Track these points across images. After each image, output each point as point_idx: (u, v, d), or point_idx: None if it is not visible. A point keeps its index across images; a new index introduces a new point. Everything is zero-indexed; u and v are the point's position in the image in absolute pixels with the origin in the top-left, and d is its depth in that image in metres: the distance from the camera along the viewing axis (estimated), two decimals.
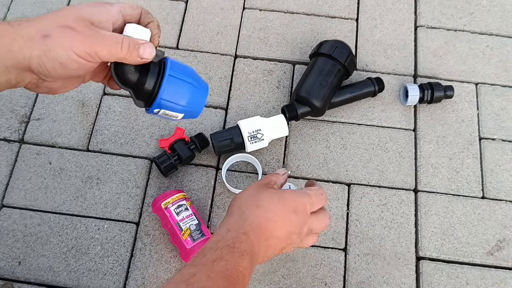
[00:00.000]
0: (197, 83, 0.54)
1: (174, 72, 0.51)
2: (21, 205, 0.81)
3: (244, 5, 0.99)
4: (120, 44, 0.47)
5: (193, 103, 0.54)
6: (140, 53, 0.48)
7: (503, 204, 0.82)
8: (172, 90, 0.51)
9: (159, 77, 0.51)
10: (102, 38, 0.46)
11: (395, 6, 0.99)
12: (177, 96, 0.52)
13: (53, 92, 0.51)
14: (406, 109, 0.90)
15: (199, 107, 0.55)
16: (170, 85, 0.51)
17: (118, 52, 0.47)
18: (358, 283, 0.76)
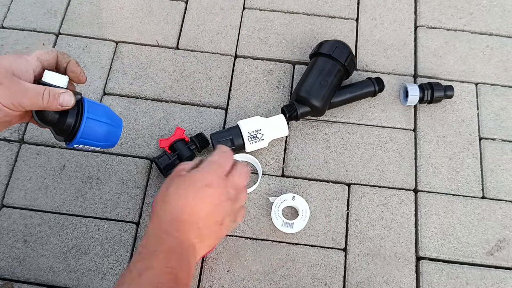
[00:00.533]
0: (111, 121, 0.60)
1: (91, 115, 0.58)
2: (21, 205, 0.81)
3: (244, 5, 0.99)
4: (42, 95, 0.53)
5: (109, 139, 0.61)
6: (60, 101, 0.54)
7: (503, 204, 0.82)
8: (89, 130, 0.58)
9: (77, 118, 0.57)
10: (25, 91, 0.52)
11: (395, 6, 0.99)
12: (94, 135, 0.59)
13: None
14: (406, 109, 0.90)
15: (114, 141, 0.62)
16: (87, 127, 0.57)
17: (39, 103, 0.53)
18: (358, 283, 0.76)
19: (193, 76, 0.92)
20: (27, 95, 0.52)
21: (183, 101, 0.90)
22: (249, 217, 0.80)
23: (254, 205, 0.81)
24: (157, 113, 0.88)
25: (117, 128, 0.62)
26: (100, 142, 0.60)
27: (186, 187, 0.55)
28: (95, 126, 0.58)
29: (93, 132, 0.58)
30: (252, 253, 0.78)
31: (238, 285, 0.76)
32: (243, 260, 0.77)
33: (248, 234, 0.79)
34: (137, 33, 0.96)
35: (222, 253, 0.78)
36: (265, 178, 0.83)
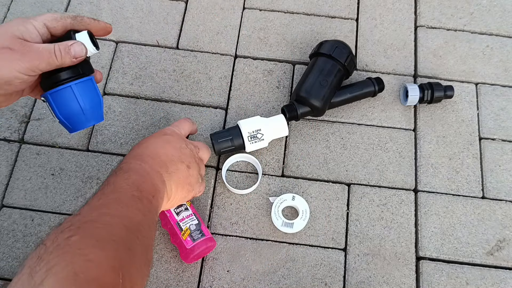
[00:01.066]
0: (87, 109, 0.58)
1: (77, 88, 0.56)
2: (21, 205, 0.81)
3: (244, 5, 0.99)
4: (53, 53, 0.52)
5: (71, 120, 0.58)
6: (72, 54, 0.53)
7: (503, 204, 0.82)
8: (62, 96, 0.56)
9: (66, 79, 0.56)
10: (38, 53, 0.51)
11: (395, 6, 0.99)
12: (61, 105, 0.56)
13: (4, 105, 0.56)
14: (406, 109, 0.90)
15: (75, 127, 0.59)
16: (62, 94, 0.56)
17: (54, 61, 0.52)
18: (358, 283, 0.76)
19: (193, 76, 0.92)
20: (41, 56, 0.51)
21: (183, 101, 0.90)
22: (249, 217, 0.80)
23: (254, 205, 0.81)
24: (157, 113, 0.88)
25: (86, 118, 0.59)
26: (61, 115, 0.57)
27: (147, 138, 0.63)
28: (69, 98, 0.56)
29: (63, 101, 0.56)
30: (252, 253, 0.78)
31: (238, 285, 0.76)
32: (243, 260, 0.77)
33: (248, 234, 0.79)
34: (137, 33, 0.96)
35: (222, 253, 0.78)
36: (265, 178, 0.83)
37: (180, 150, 0.63)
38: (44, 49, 0.52)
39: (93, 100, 0.58)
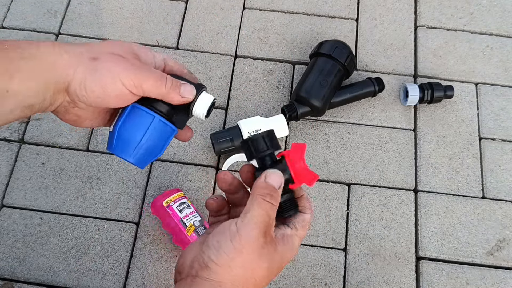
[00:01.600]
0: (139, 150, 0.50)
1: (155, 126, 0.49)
2: (21, 205, 0.81)
3: (244, 5, 0.99)
4: (165, 80, 0.46)
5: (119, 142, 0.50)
6: (181, 91, 0.47)
7: (503, 204, 0.82)
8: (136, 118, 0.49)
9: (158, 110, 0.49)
10: (148, 71, 0.46)
11: (395, 6, 0.99)
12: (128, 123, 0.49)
13: (78, 123, 0.49)
14: (406, 109, 0.90)
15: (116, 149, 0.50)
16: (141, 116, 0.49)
17: (161, 87, 0.46)
18: (358, 283, 0.76)
19: None
20: (150, 76, 0.45)
21: None
22: None
23: None
24: None
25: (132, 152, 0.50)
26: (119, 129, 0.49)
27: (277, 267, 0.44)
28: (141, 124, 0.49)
29: (134, 122, 0.49)
30: None
31: None
32: None
33: None
34: (137, 33, 0.96)
35: None
36: None
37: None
38: (156, 72, 0.46)
39: (154, 147, 0.50)
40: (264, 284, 0.43)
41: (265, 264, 0.42)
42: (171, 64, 0.50)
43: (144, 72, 0.45)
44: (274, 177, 0.46)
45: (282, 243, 0.44)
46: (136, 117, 0.48)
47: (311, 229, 0.45)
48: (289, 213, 0.46)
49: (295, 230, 0.45)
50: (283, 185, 0.45)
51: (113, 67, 0.44)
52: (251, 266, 0.42)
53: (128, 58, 0.45)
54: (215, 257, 0.41)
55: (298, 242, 0.45)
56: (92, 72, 0.43)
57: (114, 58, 0.44)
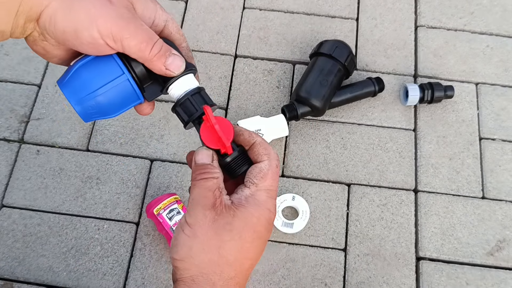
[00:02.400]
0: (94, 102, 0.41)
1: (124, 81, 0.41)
2: (21, 205, 0.81)
3: (244, 5, 0.99)
4: (152, 44, 0.39)
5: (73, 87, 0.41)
6: (167, 62, 0.40)
7: (503, 204, 0.82)
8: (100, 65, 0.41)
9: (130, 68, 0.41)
10: (136, 27, 0.38)
11: (395, 6, 0.99)
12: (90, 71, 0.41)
13: (47, 58, 0.42)
14: (406, 109, 0.90)
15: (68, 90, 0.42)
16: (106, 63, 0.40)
17: (145, 51, 0.39)
18: (358, 283, 0.76)
19: None
20: (137, 34, 0.38)
21: None
22: None
23: None
24: (157, 113, 0.88)
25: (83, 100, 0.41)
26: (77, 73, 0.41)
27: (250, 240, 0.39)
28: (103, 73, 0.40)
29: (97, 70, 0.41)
30: None
31: None
32: None
33: None
34: None
35: None
36: None
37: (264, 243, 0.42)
38: (146, 31, 0.38)
39: (109, 106, 0.42)
40: (247, 257, 0.39)
41: (227, 236, 0.38)
42: (171, 29, 0.43)
43: (130, 26, 0.38)
44: (201, 154, 0.41)
45: (242, 206, 0.39)
46: (103, 64, 0.40)
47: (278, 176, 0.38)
48: (241, 170, 0.41)
49: (254, 186, 0.40)
50: (214, 154, 0.41)
51: (93, 10, 0.36)
52: (213, 245, 0.38)
53: (116, 4, 0.38)
54: (176, 254, 0.38)
55: (265, 196, 0.40)
56: (66, 9, 0.36)
57: (98, 1, 0.37)
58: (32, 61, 0.92)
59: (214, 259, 0.38)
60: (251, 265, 0.39)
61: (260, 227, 0.39)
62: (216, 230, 0.38)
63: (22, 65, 0.92)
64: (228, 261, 0.38)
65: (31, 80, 0.90)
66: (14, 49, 0.93)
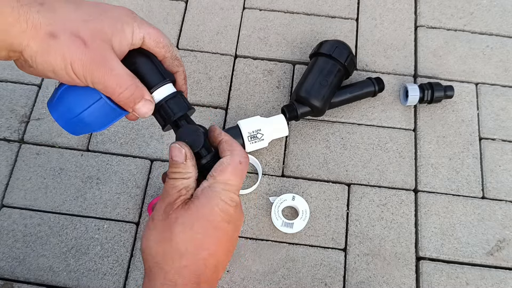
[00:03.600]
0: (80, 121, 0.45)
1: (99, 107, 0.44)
2: (21, 205, 0.81)
3: (244, 5, 0.99)
4: (123, 90, 0.41)
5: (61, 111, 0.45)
6: (135, 107, 0.42)
7: (503, 204, 0.82)
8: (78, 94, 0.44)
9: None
10: (106, 73, 0.40)
11: (395, 6, 0.99)
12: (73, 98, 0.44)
13: (37, 76, 0.44)
14: (406, 109, 0.90)
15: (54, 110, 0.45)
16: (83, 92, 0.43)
17: (113, 94, 0.41)
18: (358, 283, 0.76)
19: (193, 76, 0.92)
20: (106, 78, 0.40)
21: None
22: (249, 217, 0.80)
23: (254, 205, 0.81)
24: None
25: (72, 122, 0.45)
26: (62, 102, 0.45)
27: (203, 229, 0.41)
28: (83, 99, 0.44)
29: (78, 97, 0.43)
30: (252, 253, 0.78)
31: (238, 285, 0.76)
32: (243, 260, 0.77)
33: (248, 234, 0.79)
34: None
35: None
36: (265, 178, 0.83)
37: (235, 242, 0.44)
38: (118, 77, 0.41)
39: (95, 123, 0.45)
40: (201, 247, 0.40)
41: (178, 228, 0.40)
42: (148, 45, 0.45)
43: (100, 72, 0.40)
44: (175, 151, 0.43)
45: (196, 199, 0.41)
46: (83, 89, 0.43)
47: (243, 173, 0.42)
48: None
49: (212, 179, 0.41)
50: (188, 153, 0.43)
51: (67, 53, 0.39)
52: (166, 237, 0.40)
53: (90, 47, 0.39)
54: (141, 245, 0.41)
55: (220, 188, 0.41)
56: (44, 52, 0.39)
57: (72, 42, 0.39)
58: None
59: (166, 250, 0.40)
60: (209, 255, 0.41)
61: (214, 217, 0.40)
62: (169, 223, 0.40)
63: None
64: (179, 252, 0.40)
65: (31, 80, 0.91)
66: None
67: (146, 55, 0.45)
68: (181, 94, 0.46)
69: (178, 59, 0.47)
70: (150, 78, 0.44)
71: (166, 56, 0.46)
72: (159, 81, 0.44)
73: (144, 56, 0.45)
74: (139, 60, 0.44)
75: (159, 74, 0.45)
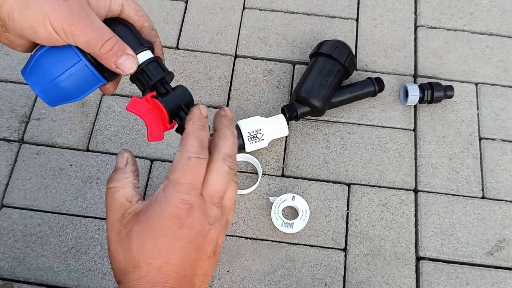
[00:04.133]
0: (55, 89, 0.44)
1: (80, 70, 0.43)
2: (21, 205, 0.81)
3: (244, 5, 0.99)
4: (102, 41, 0.40)
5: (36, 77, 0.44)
6: (118, 61, 0.42)
7: (503, 204, 0.82)
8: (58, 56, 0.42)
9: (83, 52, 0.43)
10: (87, 24, 0.40)
11: (395, 6, 0.99)
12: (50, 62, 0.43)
13: (12, 47, 0.44)
14: (406, 109, 0.90)
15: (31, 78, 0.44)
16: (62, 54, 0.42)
17: (94, 47, 0.40)
18: (358, 283, 0.76)
19: (193, 76, 0.92)
20: (87, 30, 0.40)
21: None
22: (249, 217, 0.80)
23: (254, 205, 0.81)
24: None
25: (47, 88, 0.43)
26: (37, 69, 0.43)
27: (153, 237, 0.38)
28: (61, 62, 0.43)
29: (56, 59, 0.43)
30: (252, 253, 0.78)
31: (238, 285, 0.76)
32: (243, 260, 0.77)
33: (248, 234, 0.79)
34: None
35: (222, 253, 0.78)
36: (265, 178, 0.83)
37: (202, 246, 0.40)
38: (98, 29, 0.40)
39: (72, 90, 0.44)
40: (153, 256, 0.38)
41: (127, 243, 0.38)
42: (128, 13, 0.44)
43: (80, 23, 0.39)
44: (119, 157, 0.44)
45: (148, 207, 0.39)
46: (61, 52, 0.42)
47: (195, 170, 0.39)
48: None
49: (166, 180, 0.39)
50: (130, 157, 0.43)
51: (46, 6, 0.39)
52: (120, 254, 0.39)
53: (70, 0, 0.40)
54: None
55: (171, 190, 0.38)
56: (22, 7, 0.39)
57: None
58: None
59: (122, 266, 0.39)
60: (164, 263, 0.38)
61: (163, 223, 0.38)
62: (119, 241, 0.39)
63: (22, 65, 0.91)
64: (133, 264, 0.38)
65: None
66: None
67: (124, 24, 0.45)
68: (160, 59, 0.47)
69: (155, 29, 0.47)
70: (129, 45, 0.43)
71: (144, 26, 0.46)
72: (138, 46, 0.44)
73: (122, 25, 0.44)
74: (117, 27, 0.44)
75: (138, 41, 0.45)
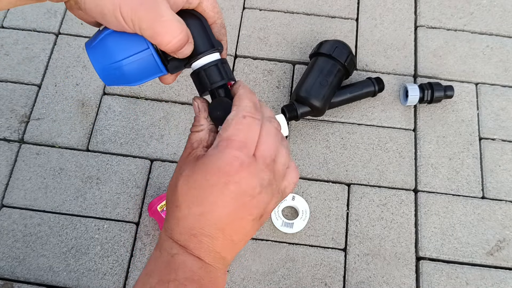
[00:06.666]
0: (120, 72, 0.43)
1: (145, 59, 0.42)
2: (21, 205, 0.81)
3: (244, 5, 0.99)
4: (172, 39, 0.39)
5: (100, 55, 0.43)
6: (183, 50, 0.41)
7: (503, 204, 0.82)
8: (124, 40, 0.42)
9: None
10: (156, 19, 0.39)
11: (395, 6, 0.99)
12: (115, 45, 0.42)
13: (85, 21, 0.43)
14: (406, 109, 0.90)
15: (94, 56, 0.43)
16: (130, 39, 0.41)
17: (162, 42, 0.40)
18: (358, 283, 0.76)
19: None
20: (156, 25, 0.39)
21: (183, 101, 0.90)
22: None
23: None
24: (157, 113, 0.88)
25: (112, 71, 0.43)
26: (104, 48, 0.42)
27: (199, 185, 0.39)
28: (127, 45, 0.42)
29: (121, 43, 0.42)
30: (252, 253, 0.78)
31: (238, 285, 0.76)
32: (243, 260, 0.77)
33: None
34: None
35: None
36: None
37: (248, 203, 0.39)
38: (169, 24, 0.39)
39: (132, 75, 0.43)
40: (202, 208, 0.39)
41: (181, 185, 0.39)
42: (205, 7, 0.43)
43: (149, 17, 0.38)
44: (194, 103, 0.44)
45: (204, 156, 0.39)
46: (130, 36, 0.41)
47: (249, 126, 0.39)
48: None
49: (218, 137, 0.40)
50: (201, 104, 0.43)
51: None
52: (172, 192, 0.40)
53: None
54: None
55: (223, 145, 0.39)
56: None
57: None
58: (32, 61, 0.92)
59: (169, 199, 0.41)
60: (204, 212, 0.39)
61: (210, 175, 0.38)
62: (176, 176, 0.40)
63: (22, 65, 0.92)
64: (177, 203, 0.40)
65: (31, 80, 0.91)
66: (14, 49, 0.93)
67: (199, 18, 0.43)
68: (226, 62, 0.45)
69: (225, 27, 0.46)
70: (200, 44, 0.43)
71: (216, 22, 0.45)
72: (208, 48, 0.43)
73: (197, 19, 0.43)
74: (191, 22, 0.42)
75: (209, 41, 0.43)
